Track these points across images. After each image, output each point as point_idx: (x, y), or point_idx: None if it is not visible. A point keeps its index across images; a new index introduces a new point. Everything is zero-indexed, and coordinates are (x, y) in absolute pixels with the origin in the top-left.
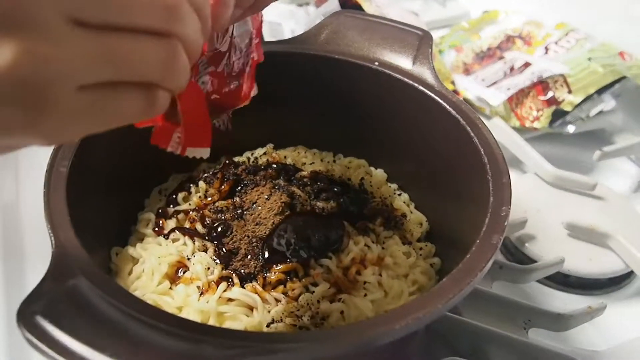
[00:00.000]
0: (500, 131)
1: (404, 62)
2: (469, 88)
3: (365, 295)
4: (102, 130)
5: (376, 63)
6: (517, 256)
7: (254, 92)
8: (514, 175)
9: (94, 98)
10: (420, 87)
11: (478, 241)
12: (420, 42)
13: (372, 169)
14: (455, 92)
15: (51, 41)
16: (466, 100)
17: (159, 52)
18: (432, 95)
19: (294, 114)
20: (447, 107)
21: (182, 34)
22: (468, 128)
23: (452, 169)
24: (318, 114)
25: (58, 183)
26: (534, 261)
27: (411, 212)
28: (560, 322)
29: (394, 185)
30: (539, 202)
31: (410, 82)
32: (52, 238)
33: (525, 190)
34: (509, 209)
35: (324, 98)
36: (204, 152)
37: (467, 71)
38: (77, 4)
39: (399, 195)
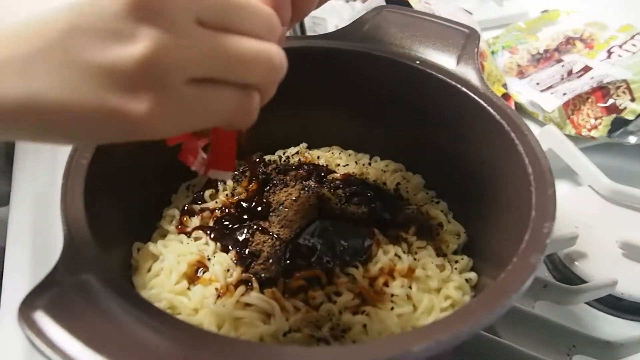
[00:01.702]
0: (554, 139)
1: (447, 61)
2: (522, 92)
3: (392, 308)
4: (197, 128)
5: (418, 62)
6: (565, 274)
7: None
8: (566, 187)
9: (199, 92)
10: (463, 89)
11: (515, 259)
12: (466, 40)
13: (410, 174)
14: (507, 95)
15: (177, 34)
16: (518, 105)
17: (266, 58)
18: (476, 97)
19: (329, 113)
20: (491, 110)
21: (271, 90)
22: (512, 134)
23: (493, 177)
24: (355, 113)
25: (77, 175)
26: (583, 281)
27: (448, 222)
28: (608, 350)
29: (432, 193)
30: (593, 218)
31: (453, 82)
32: (65, 231)
33: (578, 203)
34: (553, 225)
35: (361, 97)
36: (227, 175)
37: (521, 74)
38: (204, 5)
39: (437, 203)
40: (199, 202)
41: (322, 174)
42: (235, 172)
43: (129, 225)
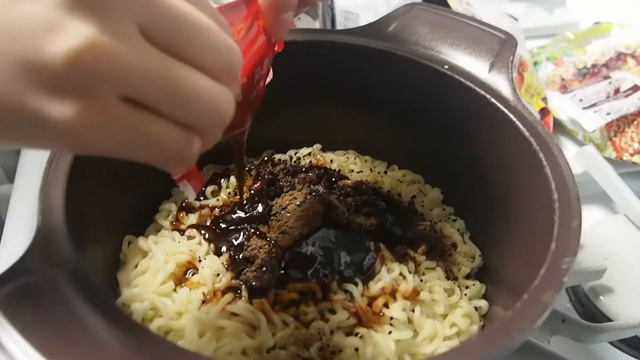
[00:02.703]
0: (591, 161)
1: (478, 68)
2: (563, 107)
3: (390, 332)
4: (125, 156)
5: (446, 66)
6: (588, 309)
7: (268, 79)
8: (600, 213)
9: (133, 115)
10: (492, 100)
11: (526, 296)
12: (501, 46)
13: (428, 186)
14: (546, 110)
15: (114, 38)
16: (557, 121)
17: (212, 102)
18: (505, 110)
19: (348, 114)
20: (520, 126)
21: (213, 136)
22: (541, 155)
23: (516, 199)
24: (375, 116)
25: (63, 160)
26: (607, 319)
27: (464, 243)
28: None
29: (450, 209)
30: (625, 250)
31: (482, 92)
32: (39, 220)
33: (610, 233)
34: (573, 261)
35: (382, 99)
36: (192, 193)
37: (564, 88)
38: (150, 16)
39: (453, 221)
40: (200, 198)
41: (333, 179)
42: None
43: (124, 216)
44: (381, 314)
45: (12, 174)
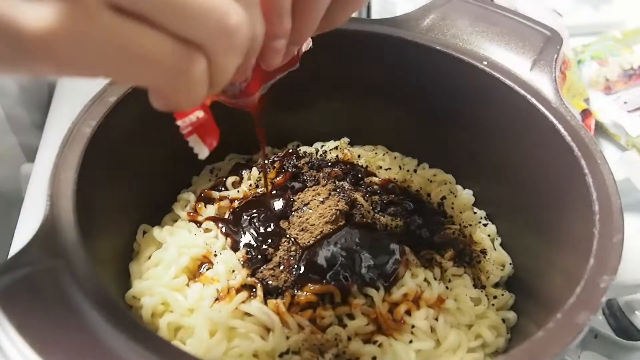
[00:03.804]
0: (634, 168)
1: (520, 65)
2: (606, 110)
3: (411, 341)
4: (111, 74)
5: (485, 62)
6: (622, 324)
7: (295, 66)
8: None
9: (122, 25)
10: (533, 100)
11: (559, 315)
12: (545, 43)
13: (459, 187)
14: (587, 112)
15: None
16: (599, 124)
17: (219, 14)
18: (546, 112)
19: (377, 108)
20: (562, 129)
21: (220, 62)
22: (583, 162)
23: (553, 207)
24: (406, 111)
25: (77, 145)
26: None
27: (494, 249)
28: None
29: (481, 213)
30: None
31: (522, 91)
32: (47, 208)
33: None
34: (613, 279)
35: (415, 94)
36: (204, 151)
37: (607, 89)
38: None
39: (485, 225)
40: (221, 189)
41: (359, 176)
42: (265, 162)
43: (140, 204)
44: (402, 321)
45: (32, 154)
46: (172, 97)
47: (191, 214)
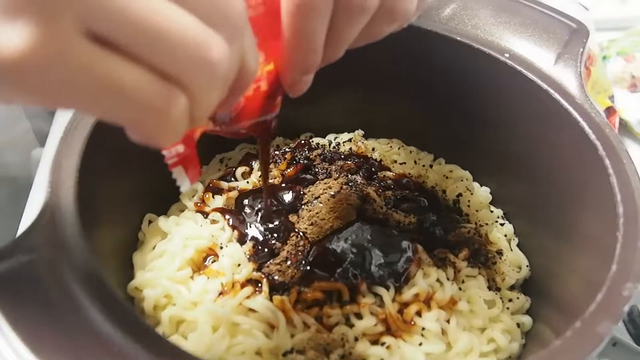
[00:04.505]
0: None
1: (543, 58)
2: (631, 107)
3: (421, 344)
4: (87, 109)
5: (506, 55)
6: None
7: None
8: None
9: (98, 54)
10: (556, 95)
11: (578, 324)
12: (571, 36)
13: (476, 185)
14: (612, 109)
15: None
16: (623, 122)
17: (198, 45)
18: (570, 108)
19: (393, 99)
20: (586, 127)
21: (201, 97)
22: (607, 161)
23: (574, 209)
24: (423, 103)
25: (80, 131)
26: None
27: (510, 250)
28: None
29: (498, 212)
30: None
31: (545, 86)
32: (47, 195)
33: None
34: (636, 287)
35: (433, 87)
36: (186, 183)
37: (633, 86)
38: None
39: (501, 225)
40: (230, 179)
41: (373, 170)
42: (276, 152)
43: (146, 193)
44: (412, 323)
45: (45, 139)
46: (150, 133)
47: (198, 204)
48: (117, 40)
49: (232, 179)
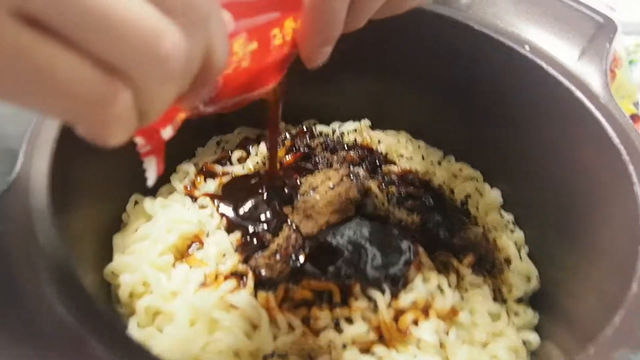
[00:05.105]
0: None
1: (566, 53)
2: None
3: (416, 357)
4: (14, 99)
5: (527, 46)
6: None
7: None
8: None
9: (30, 38)
10: (578, 93)
11: (592, 350)
12: (597, 31)
13: (487, 186)
14: (636, 117)
15: None
16: None
17: (148, 37)
18: (592, 108)
19: (404, 88)
20: (609, 129)
21: (150, 93)
22: (631, 167)
23: (592, 218)
24: (435, 95)
25: None
26: None
27: (520, 259)
28: None
29: (509, 217)
30: None
31: (567, 82)
32: (19, 166)
33: None
34: None
35: (446, 77)
36: (153, 176)
37: None
38: None
39: (511, 231)
40: (225, 163)
41: (377, 163)
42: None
43: (136, 172)
44: (408, 332)
45: None
46: (91, 130)
47: (188, 187)
48: (51, 22)
49: (228, 163)
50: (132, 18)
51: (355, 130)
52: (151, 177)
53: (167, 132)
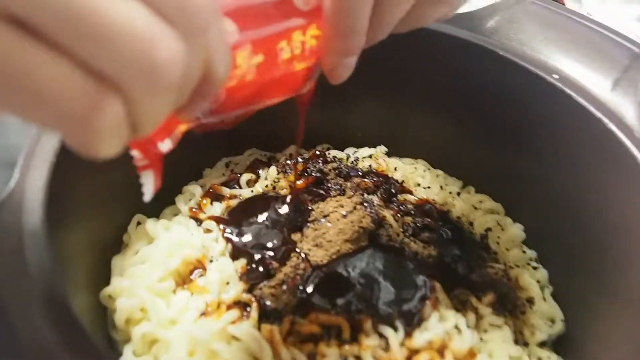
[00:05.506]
0: None
1: (598, 84)
2: None
3: None
4: (10, 112)
5: (555, 76)
6: None
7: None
8: None
9: (15, 40)
10: (611, 126)
11: None
12: (632, 62)
13: (509, 220)
14: None
15: None
16: None
17: (143, 43)
18: (626, 141)
19: (423, 114)
20: None
21: (142, 105)
22: None
23: (624, 260)
24: (455, 123)
25: None
26: None
27: (543, 299)
28: None
29: (532, 253)
30: None
31: (599, 114)
32: (15, 182)
33: None
34: None
35: (468, 105)
36: (150, 192)
37: None
38: None
39: (534, 269)
40: (233, 186)
41: (393, 191)
42: (288, 161)
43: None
44: None
45: None
46: (79, 142)
47: (194, 209)
48: (37, 25)
49: (236, 185)
50: (125, 23)
51: (371, 157)
52: (148, 192)
53: (166, 145)
